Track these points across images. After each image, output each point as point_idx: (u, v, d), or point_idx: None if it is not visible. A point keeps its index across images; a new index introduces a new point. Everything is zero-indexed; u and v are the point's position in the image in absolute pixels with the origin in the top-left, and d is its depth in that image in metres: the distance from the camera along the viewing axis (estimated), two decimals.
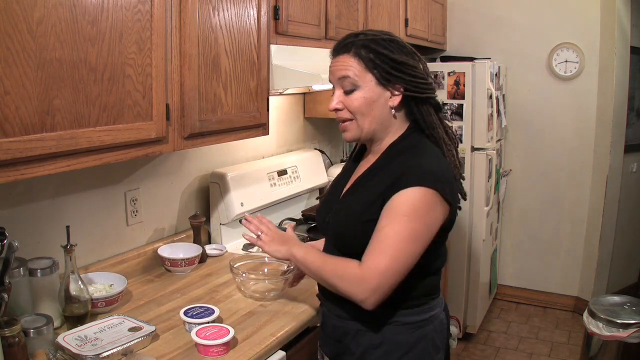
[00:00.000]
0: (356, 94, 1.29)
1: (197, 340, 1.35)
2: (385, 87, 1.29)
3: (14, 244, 1.23)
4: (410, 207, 1.20)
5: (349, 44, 1.30)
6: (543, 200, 3.86)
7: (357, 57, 1.28)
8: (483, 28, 3.85)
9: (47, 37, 1.13)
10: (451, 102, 3.30)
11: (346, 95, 1.31)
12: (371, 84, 1.29)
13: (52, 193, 1.62)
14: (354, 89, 1.29)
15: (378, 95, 1.29)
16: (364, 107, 1.30)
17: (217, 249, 2.13)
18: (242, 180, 2.21)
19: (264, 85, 1.86)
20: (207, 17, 1.57)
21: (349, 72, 1.29)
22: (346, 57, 1.30)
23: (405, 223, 1.19)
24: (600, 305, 2.49)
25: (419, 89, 1.30)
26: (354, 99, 1.30)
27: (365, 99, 1.29)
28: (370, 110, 1.30)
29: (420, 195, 1.20)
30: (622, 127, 3.67)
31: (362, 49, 1.28)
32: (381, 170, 1.31)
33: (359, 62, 1.28)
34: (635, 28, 3.60)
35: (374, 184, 1.29)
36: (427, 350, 1.32)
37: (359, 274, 1.21)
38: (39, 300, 1.43)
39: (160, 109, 1.46)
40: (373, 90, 1.29)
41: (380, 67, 1.28)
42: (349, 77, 1.29)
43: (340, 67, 1.30)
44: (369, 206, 1.27)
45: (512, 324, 3.68)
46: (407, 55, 1.31)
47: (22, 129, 1.10)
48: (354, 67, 1.28)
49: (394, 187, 1.23)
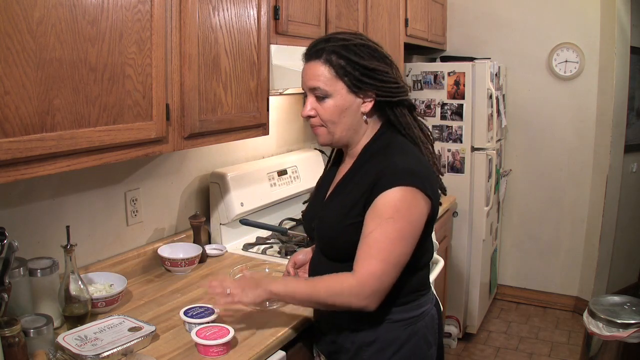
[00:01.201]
0: (328, 102, 1.30)
1: (197, 340, 1.35)
2: (356, 94, 1.30)
3: (14, 244, 1.23)
4: (393, 209, 1.21)
5: (320, 50, 1.29)
6: (543, 200, 3.86)
7: (327, 64, 1.28)
8: (483, 28, 3.85)
9: (47, 37, 1.13)
10: (451, 102, 3.30)
11: (318, 102, 1.31)
12: (342, 92, 1.29)
13: (52, 193, 1.62)
14: (326, 97, 1.30)
15: (350, 102, 1.30)
16: (335, 116, 1.30)
17: (217, 249, 2.13)
18: (242, 180, 2.21)
19: (264, 85, 1.86)
20: (207, 17, 1.57)
21: (319, 83, 1.29)
22: (317, 64, 1.29)
23: (391, 225, 1.21)
24: (600, 305, 2.49)
25: (391, 93, 1.31)
26: (325, 107, 1.30)
27: (336, 107, 1.30)
28: (341, 117, 1.31)
29: (400, 195, 1.22)
30: (622, 127, 3.67)
31: (332, 55, 1.28)
32: (357, 173, 1.33)
33: (329, 70, 1.28)
34: (635, 28, 3.60)
35: (353, 188, 1.31)
36: (419, 346, 1.34)
37: (354, 284, 1.21)
38: (39, 300, 1.43)
39: (160, 109, 1.46)
40: (344, 98, 1.29)
41: (351, 75, 1.27)
42: (319, 88, 1.29)
43: (311, 77, 1.31)
44: (350, 210, 1.29)
45: (512, 324, 3.68)
46: (379, 60, 1.30)
47: (22, 129, 1.10)
48: (324, 76, 1.28)
49: (374, 189, 1.24)
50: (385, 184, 1.23)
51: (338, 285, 1.23)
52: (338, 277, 1.25)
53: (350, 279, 1.22)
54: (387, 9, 2.79)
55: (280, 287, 1.31)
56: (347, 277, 1.23)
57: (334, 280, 1.25)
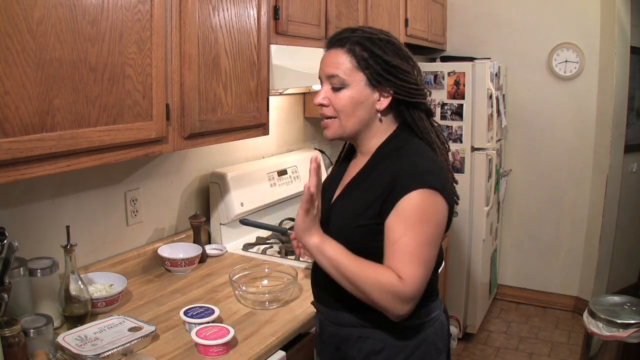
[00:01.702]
0: (344, 92, 1.26)
1: (197, 340, 1.35)
2: (374, 89, 1.26)
3: (14, 244, 1.23)
4: (419, 212, 1.18)
5: (344, 39, 1.26)
6: (543, 200, 3.86)
7: (350, 53, 1.25)
8: (483, 28, 3.85)
9: (47, 37, 1.13)
10: (451, 102, 3.30)
11: (333, 92, 1.28)
12: (361, 84, 1.25)
13: (52, 193, 1.62)
14: (342, 87, 1.26)
15: (366, 96, 1.26)
16: (350, 107, 1.27)
17: (217, 249, 2.13)
18: (242, 180, 2.21)
19: (264, 85, 1.86)
20: (207, 17, 1.57)
21: (339, 71, 1.25)
22: (339, 52, 1.26)
23: (419, 228, 1.17)
24: (600, 305, 2.49)
25: (409, 94, 1.27)
26: (340, 97, 1.26)
27: (352, 98, 1.26)
28: (355, 110, 1.27)
29: (424, 197, 1.18)
30: (622, 127, 3.67)
31: (356, 45, 1.25)
32: (372, 172, 1.28)
33: (351, 60, 1.25)
34: (635, 28, 3.60)
35: (368, 188, 1.26)
36: (429, 353, 1.30)
37: (402, 287, 1.16)
38: (39, 300, 1.43)
39: (160, 109, 1.46)
40: (361, 90, 1.26)
41: (372, 68, 1.24)
42: (338, 76, 1.26)
43: (330, 64, 1.27)
44: (365, 210, 1.24)
45: (512, 324, 3.68)
46: (402, 59, 1.27)
47: (22, 129, 1.10)
48: (345, 65, 1.25)
49: (394, 191, 1.20)
50: (406, 185, 1.19)
51: (387, 281, 1.16)
52: (387, 273, 1.17)
53: (398, 281, 1.16)
54: (387, 9, 2.79)
55: (331, 249, 1.22)
56: (394, 277, 1.17)
57: (382, 275, 1.17)
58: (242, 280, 1.75)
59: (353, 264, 1.20)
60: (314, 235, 1.25)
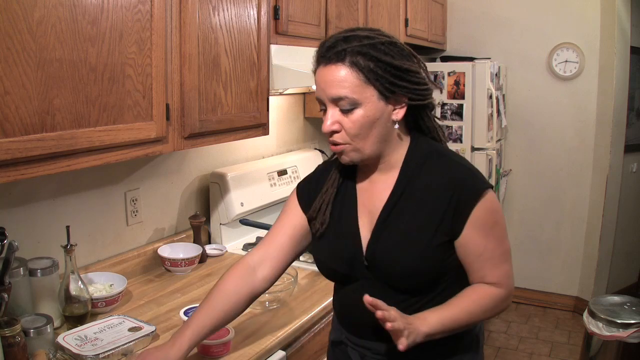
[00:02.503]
0: (357, 113, 1.10)
1: None
2: (387, 101, 1.12)
3: (14, 244, 1.23)
4: (492, 215, 1.16)
5: (342, 52, 1.09)
6: (543, 200, 3.86)
7: (354, 67, 1.08)
8: (483, 28, 3.85)
9: (47, 37, 1.13)
10: (451, 102, 3.30)
11: (343, 115, 1.11)
12: (373, 99, 1.10)
13: (52, 193, 1.62)
14: (354, 108, 1.10)
15: (381, 111, 1.11)
16: (365, 128, 1.11)
17: (217, 249, 2.13)
18: (242, 180, 2.21)
19: (264, 85, 1.86)
20: (207, 17, 1.57)
21: (346, 91, 1.09)
22: (339, 68, 1.09)
23: (497, 229, 1.17)
24: (600, 305, 2.49)
25: (422, 96, 1.16)
26: (354, 119, 1.10)
27: (367, 117, 1.10)
28: (371, 129, 1.12)
29: (489, 199, 1.16)
30: (622, 127, 3.67)
31: (359, 57, 1.08)
32: (414, 186, 1.17)
33: (357, 75, 1.08)
34: (635, 28, 3.60)
35: (422, 203, 1.15)
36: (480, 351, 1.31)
37: (505, 293, 1.19)
38: (39, 300, 1.43)
39: (160, 109, 1.46)
40: (375, 106, 1.10)
41: (383, 78, 1.09)
42: (346, 97, 1.09)
43: (332, 84, 1.10)
44: (438, 227, 1.14)
45: (512, 324, 3.68)
46: (408, 59, 1.13)
47: (22, 129, 1.10)
48: (351, 82, 1.09)
49: (461, 202, 1.13)
50: (472, 194, 1.13)
51: (490, 301, 1.17)
52: (483, 293, 1.17)
53: (497, 290, 1.18)
54: (387, 9, 2.79)
55: (434, 326, 1.11)
56: (492, 290, 1.17)
57: (482, 298, 1.17)
58: None
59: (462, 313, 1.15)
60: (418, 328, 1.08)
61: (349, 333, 1.29)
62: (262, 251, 1.33)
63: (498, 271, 1.18)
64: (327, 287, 1.68)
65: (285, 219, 1.35)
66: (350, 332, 1.28)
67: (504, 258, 1.19)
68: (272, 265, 1.31)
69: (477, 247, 1.15)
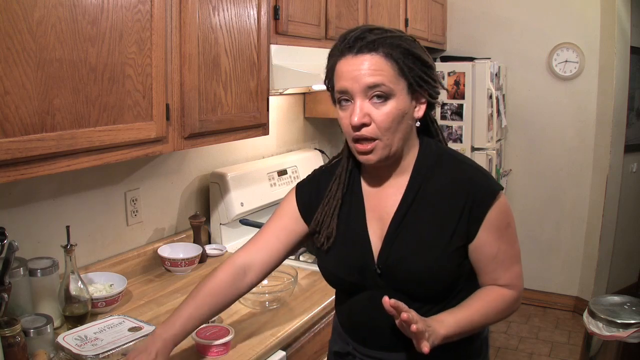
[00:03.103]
0: (390, 104, 1.06)
1: (197, 340, 1.35)
2: (412, 96, 1.10)
3: (14, 244, 1.23)
4: (505, 217, 1.15)
5: (375, 42, 1.06)
6: (543, 200, 3.86)
7: (389, 58, 1.06)
8: (483, 28, 3.85)
9: (47, 37, 1.13)
10: (451, 102, 3.30)
11: (374, 107, 1.07)
12: (403, 93, 1.08)
13: (52, 193, 1.62)
14: (387, 99, 1.06)
15: (408, 106, 1.09)
16: (396, 122, 1.08)
17: (217, 249, 2.13)
18: (242, 180, 2.21)
19: (264, 85, 1.86)
20: (207, 17, 1.57)
21: (384, 79, 1.05)
22: (375, 58, 1.06)
23: (509, 231, 1.17)
24: (600, 305, 2.49)
25: (437, 94, 1.15)
26: (386, 111, 1.06)
27: (399, 110, 1.07)
28: (400, 124, 1.09)
29: (502, 202, 1.15)
30: (622, 127, 3.67)
31: (392, 48, 1.06)
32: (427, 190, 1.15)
33: (392, 66, 1.06)
34: (635, 28, 3.60)
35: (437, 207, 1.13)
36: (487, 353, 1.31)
37: (515, 294, 1.19)
38: (39, 300, 1.43)
39: (160, 109, 1.46)
40: (405, 99, 1.08)
41: (414, 72, 1.08)
42: (383, 85, 1.05)
43: (369, 72, 1.05)
44: (455, 231, 1.12)
45: (512, 324, 3.68)
46: (429, 57, 1.13)
47: (22, 129, 1.10)
48: (387, 71, 1.06)
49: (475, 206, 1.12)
50: (486, 197, 1.12)
51: (504, 303, 1.17)
52: (497, 295, 1.17)
53: (510, 292, 1.18)
54: (387, 9, 2.79)
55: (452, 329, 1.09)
56: (504, 291, 1.18)
57: (496, 300, 1.17)
58: None
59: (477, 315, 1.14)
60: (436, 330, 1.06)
61: (357, 344, 1.25)
62: (252, 253, 1.30)
63: (510, 273, 1.18)
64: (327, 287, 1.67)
65: (280, 223, 1.30)
66: (359, 343, 1.24)
67: (516, 259, 1.19)
68: (262, 271, 1.30)
69: (492, 249, 1.14)
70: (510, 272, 1.18)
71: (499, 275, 1.17)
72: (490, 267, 1.16)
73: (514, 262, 1.19)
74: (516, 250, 1.20)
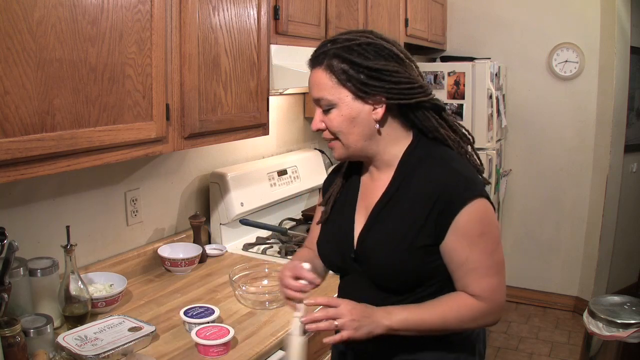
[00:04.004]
0: (333, 112, 1.17)
1: (197, 340, 1.35)
2: (364, 101, 1.15)
3: (14, 244, 1.23)
4: (479, 224, 1.14)
5: (322, 55, 1.17)
6: (543, 200, 3.86)
7: (328, 70, 1.15)
8: (483, 28, 3.85)
9: (47, 37, 1.13)
10: (451, 102, 3.30)
11: (325, 115, 1.19)
12: (347, 100, 1.15)
13: (52, 193, 1.62)
14: (331, 108, 1.17)
15: (358, 110, 1.16)
16: (345, 126, 1.17)
17: (217, 249, 2.13)
18: (242, 180, 2.21)
19: (264, 85, 1.86)
20: (207, 17, 1.57)
21: (322, 93, 1.17)
22: (318, 72, 1.17)
23: (483, 241, 1.14)
24: (600, 305, 2.49)
25: (404, 95, 1.16)
26: (332, 118, 1.18)
27: (343, 117, 1.16)
28: (351, 127, 1.17)
29: (478, 208, 1.13)
30: (622, 127, 3.67)
31: (334, 59, 1.15)
32: (406, 188, 1.19)
33: (330, 77, 1.15)
34: (635, 28, 3.60)
35: (410, 206, 1.17)
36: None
37: (485, 306, 1.16)
38: (39, 300, 1.43)
39: (160, 109, 1.46)
40: (350, 106, 1.16)
41: (355, 79, 1.14)
42: (323, 98, 1.17)
43: (313, 87, 1.19)
44: (420, 230, 1.15)
45: (512, 324, 3.68)
46: (387, 59, 1.15)
47: (22, 129, 1.10)
48: (326, 84, 1.16)
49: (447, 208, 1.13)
50: (458, 199, 1.12)
51: (469, 312, 1.15)
52: (463, 302, 1.16)
53: (479, 303, 1.15)
54: (387, 9, 2.79)
55: (399, 322, 1.14)
56: (472, 301, 1.15)
57: (460, 307, 1.16)
58: (242, 280, 1.75)
59: (432, 317, 1.15)
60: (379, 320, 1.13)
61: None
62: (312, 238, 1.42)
63: (481, 284, 1.15)
64: (328, 287, 1.68)
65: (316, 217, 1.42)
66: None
67: (492, 272, 1.15)
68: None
69: (460, 255, 1.14)
70: (481, 284, 1.15)
71: (467, 283, 1.16)
72: (459, 274, 1.16)
73: (488, 274, 1.15)
74: (492, 263, 1.15)
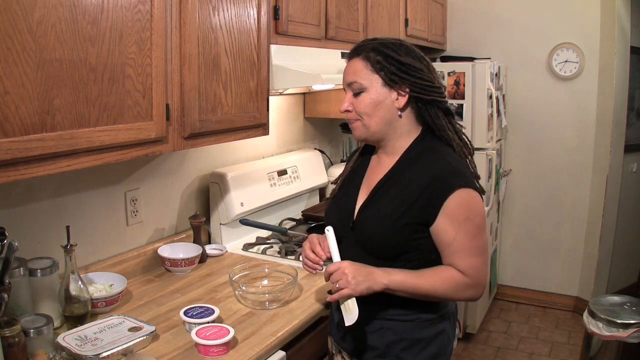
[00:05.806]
0: (363, 95, 1.36)
1: (197, 340, 1.36)
2: (391, 88, 1.35)
3: (14, 244, 1.23)
4: (466, 209, 1.30)
5: (360, 48, 1.38)
6: (543, 200, 3.86)
7: (365, 59, 1.36)
8: (483, 28, 3.85)
9: (47, 37, 1.13)
10: (451, 102, 3.29)
11: (355, 98, 1.38)
12: (377, 86, 1.35)
13: (52, 193, 1.62)
14: (361, 91, 1.36)
15: (384, 96, 1.36)
16: (370, 108, 1.36)
17: (217, 249, 2.13)
18: (242, 180, 2.21)
19: (264, 85, 1.86)
20: (207, 17, 1.57)
21: (357, 77, 1.36)
22: (356, 61, 1.37)
23: (470, 224, 1.30)
24: (600, 305, 2.49)
25: (425, 91, 1.36)
26: (361, 100, 1.37)
27: (371, 100, 1.36)
28: (376, 110, 1.36)
29: (467, 195, 1.30)
30: (622, 127, 3.67)
31: (371, 52, 1.36)
32: (405, 172, 1.37)
33: (366, 65, 1.35)
34: (635, 28, 3.60)
35: (405, 188, 1.34)
36: (443, 344, 1.43)
37: (470, 282, 1.32)
38: (39, 300, 1.43)
39: (160, 109, 1.46)
40: (379, 91, 1.35)
41: (387, 69, 1.34)
42: (356, 82, 1.36)
43: (349, 73, 1.39)
44: (407, 210, 1.32)
45: (512, 324, 3.68)
46: (414, 58, 1.36)
47: (22, 129, 1.10)
48: (362, 70, 1.36)
49: (438, 192, 1.30)
50: (448, 186, 1.29)
51: (454, 284, 1.32)
52: (450, 274, 1.32)
53: (464, 277, 1.32)
54: (387, 9, 2.79)
55: (396, 283, 1.31)
56: (458, 275, 1.32)
57: (448, 278, 1.32)
58: (242, 280, 1.75)
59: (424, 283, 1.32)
60: (378, 278, 1.30)
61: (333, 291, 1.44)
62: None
63: (466, 262, 1.31)
64: (327, 287, 1.68)
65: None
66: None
67: (475, 252, 1.32)
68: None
69: (447, 236, 1.31)
70: (467, 262, 1.31)
71: (454, 262, 1.33)
72: (447, 253, 1.33)
73: (472, 255, 1.32)
74: (476, 245, 1.32)
